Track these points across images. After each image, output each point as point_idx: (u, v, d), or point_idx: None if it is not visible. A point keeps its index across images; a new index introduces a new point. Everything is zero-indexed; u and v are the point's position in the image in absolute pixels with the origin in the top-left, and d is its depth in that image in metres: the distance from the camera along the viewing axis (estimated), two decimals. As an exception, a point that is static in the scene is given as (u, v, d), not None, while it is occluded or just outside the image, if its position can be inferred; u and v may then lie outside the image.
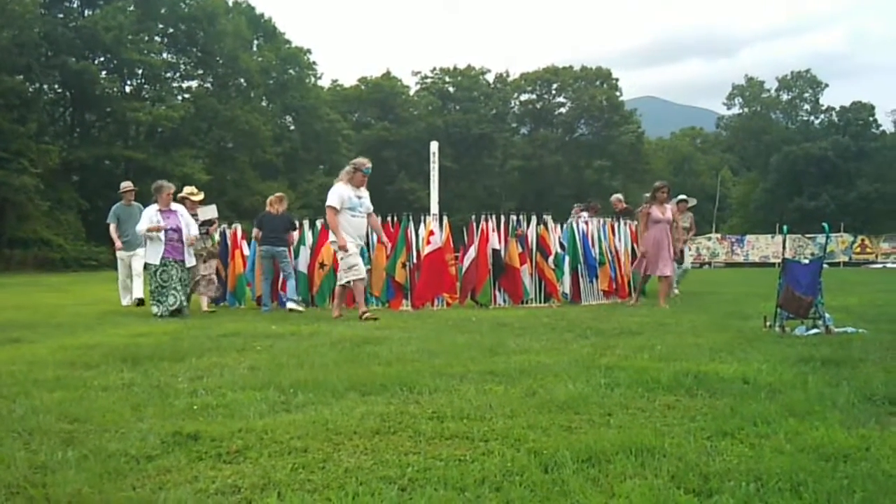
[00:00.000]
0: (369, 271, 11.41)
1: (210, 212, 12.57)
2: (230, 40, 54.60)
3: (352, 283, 10.10)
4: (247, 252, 13.05)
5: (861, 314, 9.08)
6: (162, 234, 10.77)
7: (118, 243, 13.15)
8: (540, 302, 12.77)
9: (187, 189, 12.58)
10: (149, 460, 3.34)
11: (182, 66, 56.57)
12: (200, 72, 57.07)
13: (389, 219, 12.26)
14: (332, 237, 10.33)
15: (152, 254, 10.83)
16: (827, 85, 79.25)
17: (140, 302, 12.61)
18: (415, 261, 12.16)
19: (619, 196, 17.15)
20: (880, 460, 3.08)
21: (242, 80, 58.38)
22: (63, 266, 39.44)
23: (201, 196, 12.66)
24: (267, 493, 2.91)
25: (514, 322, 9.15)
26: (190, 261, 11.21)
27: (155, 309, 10.76)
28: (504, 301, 12.68)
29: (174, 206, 11.28)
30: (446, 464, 3.18)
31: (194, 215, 11.84)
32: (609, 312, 10.52)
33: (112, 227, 13.24)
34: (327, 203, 10.15)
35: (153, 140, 51.31)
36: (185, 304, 10.95)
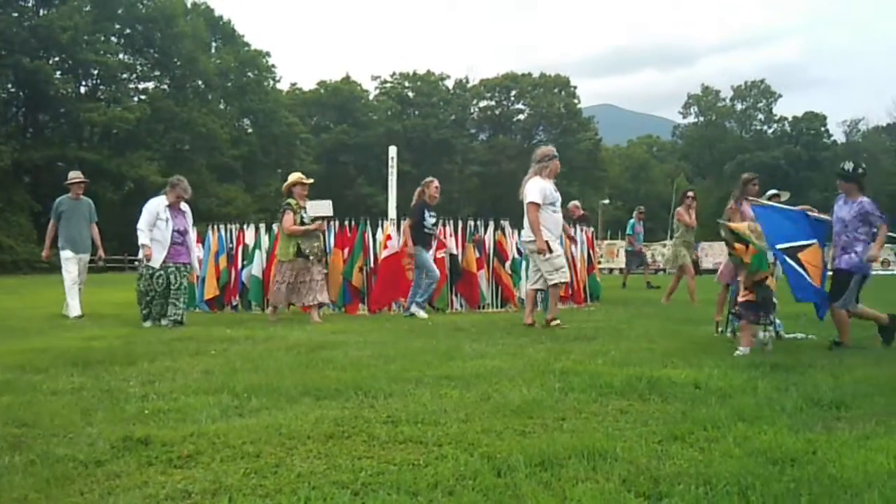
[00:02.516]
0: (326, 275, 11.33)
1: (324, 207, 10.98)
2: (188, 42, 54.00)
3: (557, 285, 9.21)
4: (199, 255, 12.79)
5: (811, 321, 9.23)
6: (168, 235, 9.86)
7: (46, 248, 11.92)
8: (496, 307, 12.80)
9: (296, 175, 11.05)
10: (98, 465, 3.29)
11: (139, 68, 55.78)
12: (157, 73, 56.36)
13: (347, 223, 12.21)
14: (526, 236, 9.25)
15: (155, 254, 9.83)
16: (781, 95, 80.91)
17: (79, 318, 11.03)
18: (372, 265, 12.12)
19: (577, 203, 17.33)
20: (826, 464, 3.14)
21: (200, 83, 57.79)
22: (14, 268, 38.66)
23: (311, 181, 11.17)
24: (218, 498, 2.89)
25: (471, 327, 9.16)
26: (195, 265, 10.47)
27: (147, 322, 9.74)
28: (461, 306, 12.69)
29: (183, 205, 10.33)
30: (400, 468, 3.18)
31: (301, 207, 10.51)
32: (564, 318, 10.57)
33: (50, 226, 11.80)
34: (529, 199, 9.04)
35: (108, 141, 50.58)
36: (185, 314, 10.02)
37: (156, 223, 9.90)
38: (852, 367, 5.63)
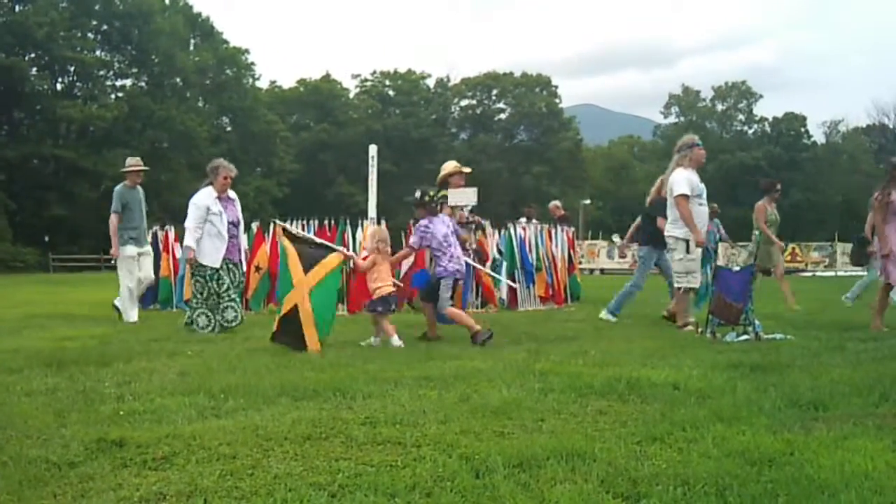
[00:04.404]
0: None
1: (467, 196, 9.79)
2: (166, 39, 53.69)
3: (682, 290, 8.72)
4: (179, 255, 12.64)
5: (790, 321, 9.29)
6: (225, 230, 8.97)
7: (115, 246, 10.26)
8: (477, 308, 12.79)
9: (453, 164, 10.15)
10: (71, 467, 3.25)
11: (116, 65, 55.42)
12: (135, 70, 55.98)
13: (327, 222, 12.16)
14: (670, 230, 8.58)
15: (211, 253, 8.87)
16: (761, 96, 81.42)
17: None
18: (351, 265, 12.06)
19: (558, 203, 17.35)
20: (804, 464, 3.14)
21: (178, 80, 57.44)
22: (-12, 267, 38.39)
23: (469, 170, 10.32)
24: (193, 500, 2.86)
25: (450, 327, 9.14)
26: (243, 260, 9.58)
27: (204, 322, 8.87)
28: (441, 306, 12.65)
29: (231, 192, 9.39)
30: (377, 469, 3.16)
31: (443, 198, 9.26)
32: (545, 318, 10.59)
33: (114, 219, 10.34)
34: (677, 192, 8.40)
35: (84, 139, 50.26)
36: (244, 316, 9.28)
37: (208, 219, 8.94)
38: (830, 367, 5.65)
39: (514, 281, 13.15)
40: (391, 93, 76.94)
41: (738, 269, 7.96)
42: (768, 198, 12.13)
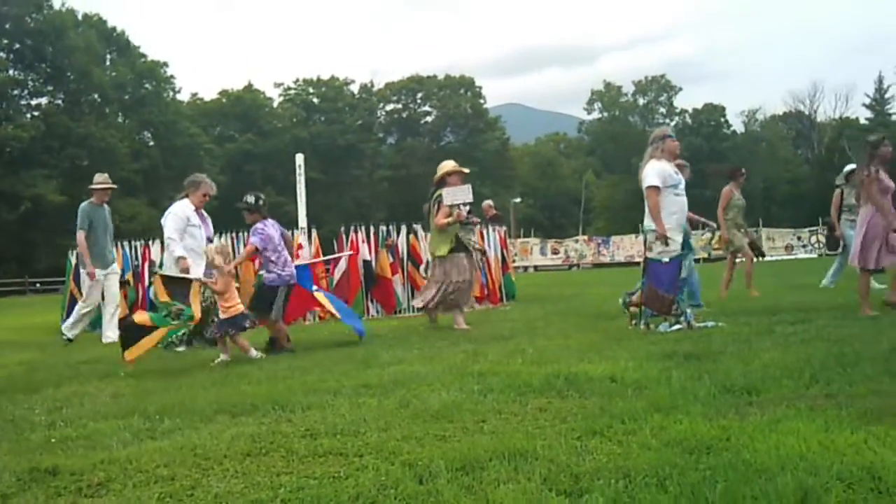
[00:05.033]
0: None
1: (463, 193, 9.28)
2: (81, 55, 52.62)
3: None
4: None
5: (721, 308, 9.48)
6: (203, 243, 8.63)
7: (88, 264, 10.04)
8: (413, 311, 12.78)
9: (451, 163, 9.78)
10: (3, 500, 3.16)
11: (30, 83, 54.20)
12: (50, 88, 54.84)
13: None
14: (648, 224, 8.31)
15: (193, 266, 8.50)
16: (681, 88, 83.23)
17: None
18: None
19: (490, 202, 17.47)
20: (740, 450, 3.20)
21: (96, 96, 56.41)
22: None
23: (467, 171, 9.98)
24: (131, 526, 2.79)
25: (388, 333, 9.14)
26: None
27: (187, 344, 8.59)
28: (377, 312, 12.65)
29: (202, 211, 9.21)
30: (320, 482, 3.12)
31: (440, 197, 9.28)
32: (481, 319, 10.63)
33: (81, 236, 10.08)
34: (647, 183, 8.19)
35: (1, 160, 48.84)
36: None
37: (187, 230, 8.72)
38: (761, 351, 5.78)
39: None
40: (315, 100, 76.57)
41: (667, 260, 8.07)
42: (734, 183, 12.08)
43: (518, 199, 67.74)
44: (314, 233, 12.68)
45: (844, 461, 2.95)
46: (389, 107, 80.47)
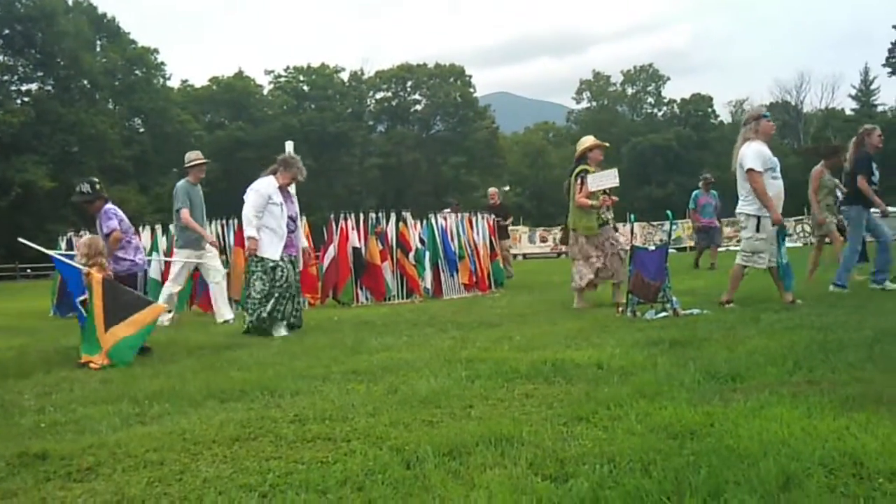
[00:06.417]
0: (228, 274, 11.13)
1: (609, 178, 9.01)
2: (71, 41, 52.25)
3: (736, 266, 8.36)
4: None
5: (706, 296, 9.53)
6: (284, 223, 8.39)
7: (209, 237, 10.12)
8: (402, 298, 12.82)
9: (591, 138, 9.58)
10: (-7, 484, 3.16)
11: (20, 69, 53.77)
12: (40, 74, 54.40)
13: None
14: (743, 208, 8.17)
15: (271, 245, 8.25)
16: (669, 78, 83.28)
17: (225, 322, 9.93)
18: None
19: (496, 189, 17.61)
20: (723, 435, 3.24)
21: (86, 82, 56.00)
22: None
23: (607, 144, 9.83)
24: (121, 510, 2.81)
25: (377, 320, 9.16)
26: (299, 258, 8.88)
27: (282, 330, 8.22)
28: (367, 299, 12.67)
29: (291, 188, 8.93)
30: (308, 467, 3.15)
31: (582, 172, 8.95)
32: (470, 305, 10.67)
33: (186, 213, 9.98)
34: (748, 166, 8.00)
35: (-9, 146, 48.59)
36: (299, 316, 8.65)
37: (268, 208, 8.35)
38: (745, 338, 5.83)
39: (440, 271, 13.24)
40: (306, 88, 76.22)
41: (653, 248, 8.11)
42: (826, 163, 11.31)
43: (507, 188, 67.67)
44: (304, 219, 12.67)
45: (826, 447, 2.99)
46: (379, 95, 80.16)
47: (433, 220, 13.51)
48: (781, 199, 8.20)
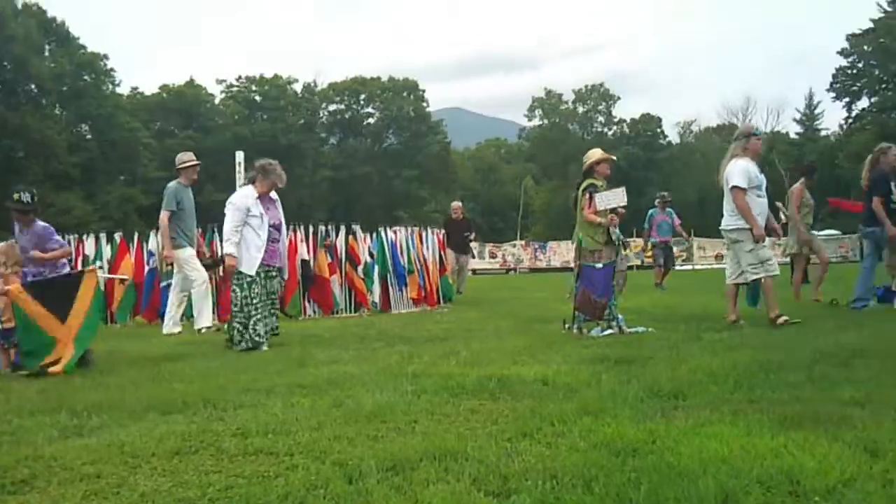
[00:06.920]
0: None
1: (618, 197, 8.59)
2: (19, 45, 51.34)
3: (763, 280, 8.21)
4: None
5: (651, 314, 9.65)
6: (265, 233, 8.05)
7: (167, 246, 9.83)
8: (350, 312, 12.76)
9: (599, 151, 9.09)
10: (-79, 497, 3.07)
11: (-35, 72, 52.72)
12: (-14, 77, 53.36)
13: (198, 231, 11.87)
14: (728, 224, 8.35)
15: (247, 259, 7.97)
16: (619, 98, 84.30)
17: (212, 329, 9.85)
18: (222, 273, 11.82)
19: (459, 203, 17.67)
20: (665, 452, 3.27)
21: (33, 87, 55.14)
22: None
23: (614, 158, 9.44)
24: (55, 524, 2.75)
25: (324, 333, 9.11)
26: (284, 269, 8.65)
27: (237, 337, 7.91)
28: (314, 312, 12.59)
29: (273, 193, 8.41)
30: (249, 481, 3.11)
31: (590, 186, 8.60)
32: (417, 320, 10.66)
33: (165, 217, 9.77)
34: (732, 183, 8.13)
35: (-70, 151, 47.50)
36: (276, 329, 8.43)
37: (246, 222, 8.02)
38: (689, 357, 5.90)
39: (388, 285, 13.21)
40: (258, 98, 75.74)
41: (600, 266, 8.19)
42: (806, 181, 11.41)
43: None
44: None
45: (764, 465, 3.04)
46: (332, 107, 79.97)
47: (383, 234, 13.48)
48: (765, 216, 8.32)
